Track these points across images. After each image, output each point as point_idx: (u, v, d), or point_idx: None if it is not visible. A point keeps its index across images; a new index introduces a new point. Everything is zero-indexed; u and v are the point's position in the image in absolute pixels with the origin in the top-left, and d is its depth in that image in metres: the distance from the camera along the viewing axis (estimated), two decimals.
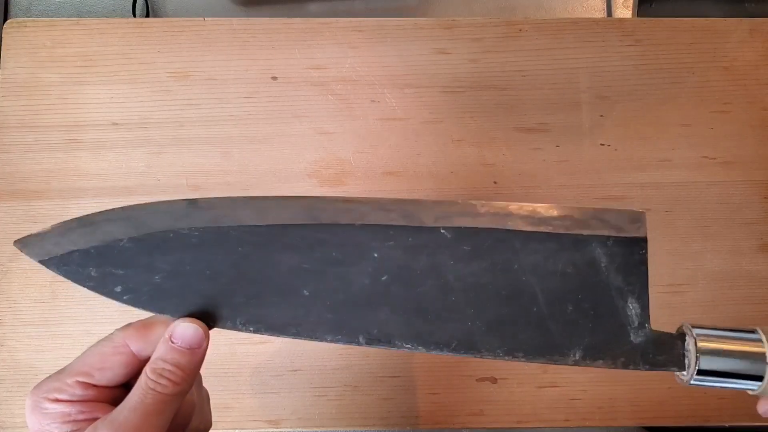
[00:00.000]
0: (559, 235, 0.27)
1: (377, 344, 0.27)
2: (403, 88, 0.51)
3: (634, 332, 0.27)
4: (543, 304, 0.27)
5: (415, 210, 0.28)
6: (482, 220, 0.28)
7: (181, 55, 0.51)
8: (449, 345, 0.27)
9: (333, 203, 0.28)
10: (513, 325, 0.27)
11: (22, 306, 0.48)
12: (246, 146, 0.50)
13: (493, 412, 0.47)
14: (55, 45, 0.51)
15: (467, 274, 0.27)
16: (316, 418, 0.47)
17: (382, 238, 0.27)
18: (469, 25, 0.52)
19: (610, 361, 0.27)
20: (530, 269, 0.27)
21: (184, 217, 0.28)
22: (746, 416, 0.47)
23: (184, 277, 0.27)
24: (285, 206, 0.28)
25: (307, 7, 0.60)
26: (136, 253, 0.27)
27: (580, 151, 0.50)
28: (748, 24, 0.52)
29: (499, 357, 0.27)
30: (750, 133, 0.51)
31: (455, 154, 0.50)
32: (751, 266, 0.49)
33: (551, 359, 0.27)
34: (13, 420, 0.47)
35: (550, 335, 0.27)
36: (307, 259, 0.27)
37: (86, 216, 0.28)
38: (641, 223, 0.28)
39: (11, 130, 0.50)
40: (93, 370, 0.26)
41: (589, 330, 0.27)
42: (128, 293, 0.28)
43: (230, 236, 0.27)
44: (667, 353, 0.27)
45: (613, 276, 0.27)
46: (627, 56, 0.51)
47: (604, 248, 0.27)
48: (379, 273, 0.27)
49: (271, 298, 0.27)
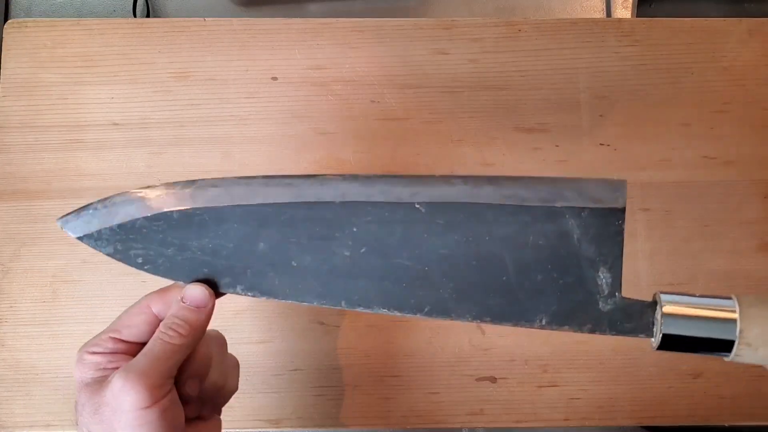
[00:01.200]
0: (531, 208, 0.28)
1: (357, 308, 0.30)
2: (403, 88, 0.51)
3: (603, 300, 0.28)
4: (512, 273, 0.28)
5: (392, 186, 0.30)
6: (455, 194, 0.29)
7: (182, 55, 0.51)
8: (422, 309, 0.29)
9: (314, 181, 0.30)
10: (482, 292, 0.29)
11: (23, 306, 0.48)
12: (246, 146, 0.50)
13: (493, 411, 0.47)
14: (56, 45, 0.51)
15: (440, 246, 0.29)
16: (316, 418, 0.47)
17: (361, 213, 0.29)
18: (468, 26, 0.52)
19: (576, 327, 0.28)
20: (501, 241, 0.28)
21: (188, 198, 0.31)
22: (747, 416, 0.47)
23: (191, 251, 0.31)
24: (272, 185, 0.31)
25: (307, 7, 0.60)
26: (150, 231, 0.31)
27: (580, 151, 0.50)
28: (748, 24, 0.52)
29: (468, 320, 0.29)
30: (750, 132, 0.51)
31: (455, 154, 0.50)
32: (751, 266, 0.49)
33: (518, 323, 0.28)
34: (14, 420, 0.47)
35: (518, 302, 0.29)
36: (294, 233, 0.30)
37: (107, 198, 0.32)
38: (620, 193, 0.28)
39: (12, 130, 0.50)
40: (122, 327, 0.31)
41: (556, 298, 0.28)
42: (147, 264, 0.32)
43: (226, 214, 0.31)
44: (635, 321, 0.28)
45: (585, 247, 0.28)
46: (626, 56, 0.51)
47: (579, 219, 0.28)
48: (358, 246, 0.30)
49: (264, 269, 0.31)
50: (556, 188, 0.28)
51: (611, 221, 0.28)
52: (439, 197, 0.29)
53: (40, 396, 0.47)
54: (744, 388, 0.47)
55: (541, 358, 0.48)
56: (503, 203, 0.28)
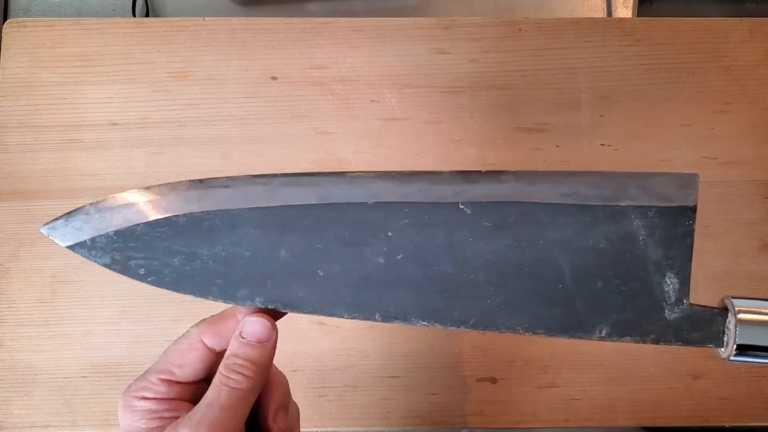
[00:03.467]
0: (592, 207, 0.25)
1: (394, 320, 0.27)
2: (403, 88, 0.51)
3: (669, 308, 0.25)
4: (569, 281, 0.25)
5: (432, 184, 0.26)
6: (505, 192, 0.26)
7: (181, 54, 0.51)
8: (467, 322, 0.26)
9: (343, 180, 0.27)
10: (535, 302, 0.26)
11: (22, 306, 0.48)
12: (246, 146, 0.50)
13: (493, 412, 0.47)
14: (55, 45, 0.51)
15: (488, 252, 0.26)
16: (316, 418, 0.47)
17: (396, 216, 0.26)
18: (468, 25, 0.52)
19: (639, 338, 0.25)
20: (558, 245, 0.25)
21: (196, 200, 0.28)
22: (747, 416, 0.47)
23: (201, 260, 0.28)
24: (294, 185, 0.27)
25: (307, 6, 0.60)
26: (153, 237, 0.28)
27: (581, 151, 0.50)
28: (749, 24, 0.52)
29: (519, 333, 0.26)
30: (750, 133, 0.51)
31: (455, 154, 0.50)
32: (752, 266, 0.49)
33: (574, 335, 0.26)
34: (12, 420, 0.47)
35: (575, 312, 0.26)
36: (320, 239, 0.27)
37: (101, 201, 0.28)
38: (692, 189, 0.25)
39: (11, 130, 0.50)
40: (173, 367, 0.27)
41: (618, 306, 0.25)
42: (151, 275, 0.28)
43: (241, 218, 0.27)
44: (704, 329, 0.25)
45: (652, 250, 0.25)
46: (627, 56, 0.51)
47: (645, 220, 0.25)
48: (394, 252, 0.26)
49: (286, 279, 0.27)
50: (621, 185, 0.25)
51: (681, 221, 0.25)
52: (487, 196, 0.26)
53: (39, 396, 0.47)
54: (744, 389, 0.47)
55: (542, 358, 0.48)
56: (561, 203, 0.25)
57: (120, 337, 0.47)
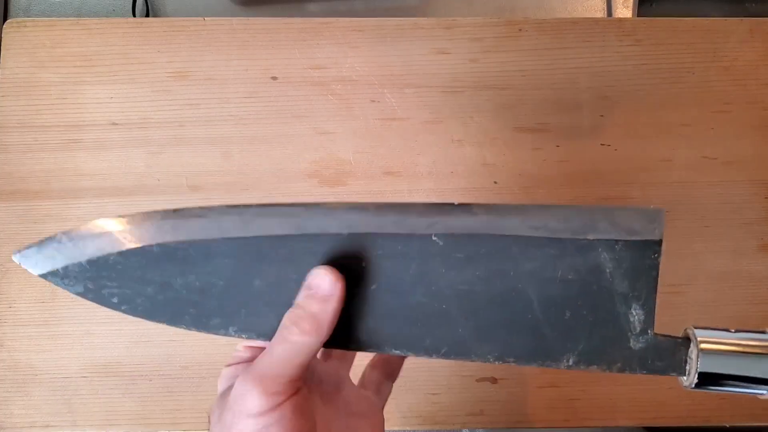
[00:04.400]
0: (561, 240, 0.26)
1: (367, 349, 0.27)
2: (403, 88, 0.51)
3: (634, 338, 0.26)
4: (538, 311, 0.26)
5: (405, 216, 0.27)
6: (477, 225, 0.26)
7: (181, 55, 0.51)
8: (439, 351, 0.27)
9: (318, 211, 0.27)
10: (505, 331, 0.26)
11: (22, 306, 0.48)
12: (246, 146, 0.50)
13: (493, 412, 0.47)
14: (55, 45, 0.51)
15: (459, 282, 0.27)
16: None
17: (370, 246, 0.27)
18: (469, 25, 0.52)
19: (605, 366, 0.26)
20: (527, 276, 0.26)
21: (170, 230, 0.28)
22: (747, 416, 0.47)
23: (174, 289, 0.28)
24: (269, 215, 0.28)
25: (307, 6, 0.60)
26: (126, 266, 0.28)
27: (581, 151, 0.50)
28: (749, 24, 0.52)
29: (489, 361, 0.27)
30: (750, 133, 0.51)
31: (455, 154, 0.50)
32: (752, 266, 0.49)
33: (543, 364, 0.26)
34: (12, 420, 0.47)
35: (544, 340, 0.26)
36: (295, 269, 0.27)
37: (73, 230, 0.28)
38: (657, 223, 0.26)
39: (11, 130, 0.50)
40: None
41: (585, 336, 0.26)
42: (124, 304, 0.28)
43: (215, 248, 0.27)
44: (667, 359, 0.26)
45: (618, 282, 0.26)
46: (627, 56, 0.51)
47: (612, 253, 0.26)
48: (367, 282, 0.27)
49: (261, 309, 0.28)
50: (589, 219, 0.26)
51: (647, 254, 0.26)
52: (459, 228, 0.26)
53: (38, 396, 0.47)
54: None
55: None
56: (531, 235, 0.26)
57: (120, 337, 0.47)
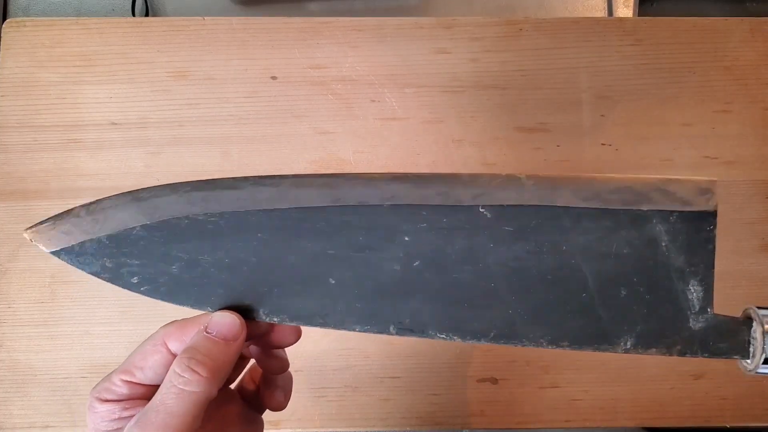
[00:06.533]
0: (615, 212, 0.24)
1: (410, 334, 0.25)
2: (403, 87, 0.51)
3: (694, 318, 0.25)
4: (593, 289, 0.25)
5: (450, 186, 0.25)
6: (527, 196, 0.25)
7: (181, 54, 0.51)
8: (487, 334, 0.25)
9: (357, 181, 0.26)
10: (559, 312, 0.25)
11: (21, 306, 0.48)
12: (246, 146, 0.50)
13: (494, 412, 0.47)
14: (54, 44, 0.51)
15: (509, 258, 0.25)
16: (316, 419, 0.47)
17: (413, 219, 0.25)
18: (469, 25, 0.52)
19: (665, 349, 0.25)
20: (580, 250, 0.25)
21: (199, 201, 0.26)
22: (747, 417, 0.47)
23: (202, 267, 0.26)
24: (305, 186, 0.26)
25: (307, 6, 0.60)
26: (150, 242, 0.26)
27: (581, 151, 0.50)
28: (749, 23, 0.52)
29: (543, 346, 0.25)
30: (751, 132, 0.51)
31: (455, 154, 0.50)
32: (753, 266, 0.49)
33: (599, 348, 0.25)
34: (12, 421, 0.47)
35: (600, 322, 0.25)
36: (332, 244, 0.25)
37: (94, 202, 0.26)
38: (711, 194, 0.25)
39: (10, 130, 0.50)
40: (134, 369, 0.26)
41: (643, 316, 0.24)
42: (145, 284, 0.26)
43: (248, 221, 0.26)
44: (729, 340, 0.24)
45: (674, 256, 0.24)
46: (628, 56, 0.51)
47: (667, 225, 0.24)
48: (410, 258, 0.25)
49: (295, 287, 0.26)
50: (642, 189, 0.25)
51: (702, 226, 0.25)
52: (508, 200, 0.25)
53: (38, 397, 0.47)
54: (746, 389, 0.47)
55: (543, 359, 0.47)
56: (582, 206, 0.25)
57: (119, 337, 0.47)
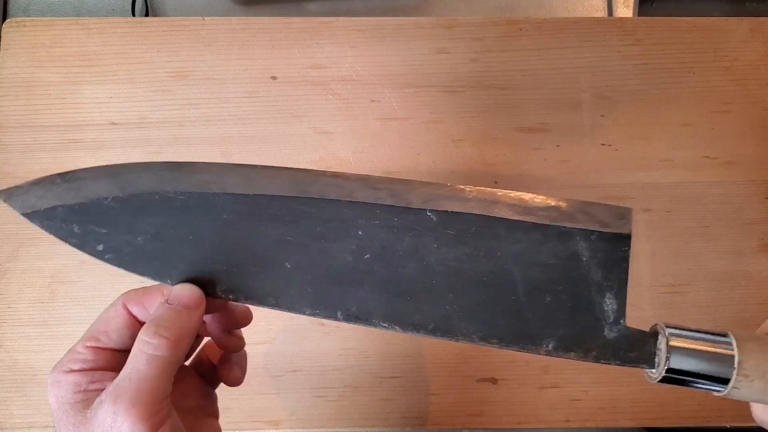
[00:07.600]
0: (544, 226, 0.28)
1: (355, 321, 0.27)
2: (403, 87, 0.51)
3: (608, 327, 0.27)
4: (522, 293, 0.27)
5: (403, 190, 0.28)
6: (469, 205, 0.28)
7: (181, 54, 0.51)
8: (426, 327, 0.27)
9: (322, 177, 0.28)
10: (490, 312, 0.27)
11: (21, 306, 0.48)
12: (245, 146, 0.50)
13: (494, 412, 0.47)
14: (54, 44, 0.51)
15: (450, 258, 0.27)
16: (315, 419, 0.47)
17: (368, 216, 0.27)
18: (469, 25, 0.52)
19: (582, 354, 0.27)
20: (513, 257, 0.27)
21: (171, 180, 0.28)
22: (748, 417, 0.47)
23: (167, 241, 0.27)
24: (273, 176, 0.28)
25: (307, 6, 0.60)
26: (119, 213, 0.27)
27: (581, 151, 0.50)
28: (749, 23, 0.52)
29: (474, 342, 0.28)
30: (751, 133, 0.51)
31: (455, 153, 0.50)
32: (752, 266, 0.49)
33: (524, 347, 0.27)
34: (12, 421, 0.47)
35: (526, 324, 0.27)
36: (292, 231, 0.27)
37: (71, 172, 0.28)
38: (627, 219, 0.28)
39: (10, 130, 0.50)
40: (99, 334, 0.27)
41: (564, 321, 0.27)
42: (110, 252, 0.28)
43: (215, 203, 0.28)
44: (638, 350, 0.27)
45: (593, 270, 0.27)
46: (628, 56, 0.51)
47: (588, 242, 0.27)
48: (362, 251, 0.27)
49: (253, 268, 0.27)
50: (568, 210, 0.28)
51: (618, 247, 0.27)
52: (452, 207, 0.28)
53: (38, 397, 0.47)
54: None
55: (542, 359, 0.47)
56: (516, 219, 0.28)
57: None
